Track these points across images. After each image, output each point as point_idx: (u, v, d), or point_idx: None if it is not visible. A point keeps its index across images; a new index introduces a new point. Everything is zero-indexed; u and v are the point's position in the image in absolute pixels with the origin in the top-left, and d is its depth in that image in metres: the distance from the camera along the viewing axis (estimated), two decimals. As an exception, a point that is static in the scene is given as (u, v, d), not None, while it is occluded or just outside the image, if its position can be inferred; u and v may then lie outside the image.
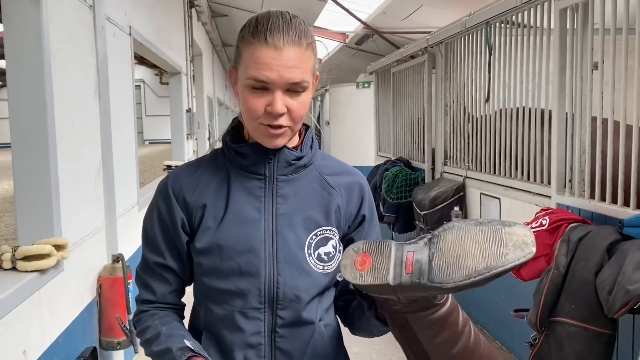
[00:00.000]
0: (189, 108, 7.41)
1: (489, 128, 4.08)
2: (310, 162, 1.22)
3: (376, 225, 1.29)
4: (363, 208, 1.25)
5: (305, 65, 1.10)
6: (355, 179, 1.26)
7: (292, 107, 1.10)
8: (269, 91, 1.08)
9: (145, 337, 1.17)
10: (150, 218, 1.22)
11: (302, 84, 1.09)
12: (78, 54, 2.90)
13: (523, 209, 3.55)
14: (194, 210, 1.18)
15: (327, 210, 1.20)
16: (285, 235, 1.16)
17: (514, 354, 3.83)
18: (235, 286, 1.14)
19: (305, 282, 1.16)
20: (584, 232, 2.43)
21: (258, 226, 1.16)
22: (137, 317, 1.22)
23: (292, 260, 1.15)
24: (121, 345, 3.05)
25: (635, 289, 1.91)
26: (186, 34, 7.54)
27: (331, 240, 1.19)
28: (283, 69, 1.07)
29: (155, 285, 1.20)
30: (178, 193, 1.19)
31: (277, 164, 1.18)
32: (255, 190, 1.18)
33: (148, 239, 1.22)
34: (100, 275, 3.07)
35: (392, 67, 6.25)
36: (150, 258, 1.21)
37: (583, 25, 2.88)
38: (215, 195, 1.19)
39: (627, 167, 2.59)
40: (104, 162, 3.25)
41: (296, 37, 1.08)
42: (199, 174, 1.22)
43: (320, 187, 1.22)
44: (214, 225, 1.17)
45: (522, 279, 2.77)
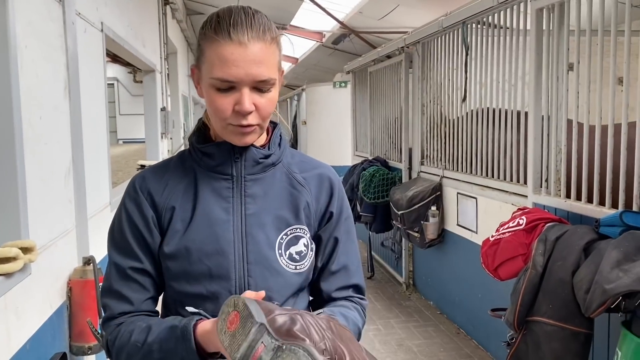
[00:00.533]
0: (164, 107, 7.29)
1: (465, 128, 4.09)
2: (278, 160, 1.19)
3: (346, 222, 1.22)
4: (332, 204, 1.20)
5: (271, 60, 1.06)
6: (324, 175, 1.22)
7: (260, 104, 1.06)
8: (236, 89, 1.05)
9: (131, 342, 1.06)
10: (119, 222, 1.16)
11: (269, 81, 1.06)
12: (47, 50, 2.80)
13: (499, 208, 3.56)
14: (162, 212, 1.14)
15: (297, 208, 1.16)
16: (255, 235, 1.12)
17: (490, 352, 3.85)
18: (206, 290, 1.10)
19: (277, 282, 1.12)
20: (560, 231, 2.44)
21: (227, 227, 1.12)
22: (112, 334, 1.10)
23: (262, 261, 1.11)
24: (92, 350, 2.96)
25: (613, 288, 1.92)
26: (160, 31, 7.42)
27: (302, 239, 1.15)
28: (249, 66, 1.03)
29: (131, 294, 1.12)
30: (147, 194, 1.15)
31: (244, 163, 1.14)
32: (223, 191, 1.14)
33: (118, 244, 1.15)
34: (71, 278, 2.98)
35: (369, 67, 6.24)
36: (124, 264, 1.13)
37: (559, 26, 2.89)
38: (183, 197, 1.14)
39: (602, 167, 2.60)
40: (74, 162, 3.15)
41: (260, 32, 1.05)
42: (166, 176, 1.17)
43: (289, 185, 1.18)
44: (182, 228, 1.12)
45: (499, 278, 2.78)
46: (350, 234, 1.23)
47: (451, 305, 4.50)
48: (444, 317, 4.55)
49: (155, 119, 6.87)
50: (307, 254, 1.15)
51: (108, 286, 1.14)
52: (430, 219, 4.39)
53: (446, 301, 4.61)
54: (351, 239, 1.23)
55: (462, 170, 4.18)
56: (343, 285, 1.20)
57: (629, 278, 1.92)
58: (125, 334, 1.08)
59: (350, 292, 1.21)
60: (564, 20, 2.86)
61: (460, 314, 4.34)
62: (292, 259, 1.13)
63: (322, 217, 1.20)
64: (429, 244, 4.47)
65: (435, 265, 4.75)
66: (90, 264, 3.01)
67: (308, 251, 1.15)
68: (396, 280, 5.52)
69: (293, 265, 1.13)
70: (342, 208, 1.22)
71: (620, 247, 2.06)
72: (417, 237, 4.53)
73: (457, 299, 4.34)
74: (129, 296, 1.12)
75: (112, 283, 1.14)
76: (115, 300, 1.12)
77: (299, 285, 1.15)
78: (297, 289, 1.15)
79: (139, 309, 1.12)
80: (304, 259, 1.14)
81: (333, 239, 1.20)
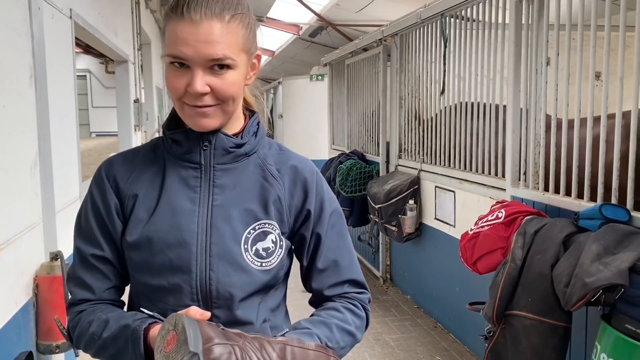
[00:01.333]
0: (137, 98, 7.12)
1: (444, 122, 4.06)
2: (252, 151, 1.13)
3: (331, 217, 1.15)
4: (308, 201, 1.14)
5: (229, 40, 1.00)
6: (300, 169, 1.15)
7: (215, 85, 1.01)
8: (190, 69, 1.00)
9: (89, 333, 1.04)
10: (84, 208, 1.12)
11: (224, 60, 1.00)
12: (10, 35, 2.67)
13: (478, 202, 3.55)
14: (125, 199, 1.09)
15: (266, 202, 1.10)
16: (221, 228, 1.06)
17: (467, 346, 3.84)
18: (167, 282, 1.05)
19: (241, 279, 1.05)
20: (539, 224, 2.42)
21: (191, 218, 1.06)
22: (73, 321, 1.09)
23: (226, 255, 1.05)
24: (60, 349, 2.85)
25: (593, 281, 1.90)
26: (133, 21, 7.24)
27: (270, 235, 1.09)
28: (201, 45, 0.98)
29: (92, 282, 1.09)
30: (112, 180, 1.11)
31: (213, 151, 1.09)
32: (191, 180, 1.09)
33: (82, 230, 1.11)
34: (37, 274, 2.86)
35: (346, 59, 6.18)
36: (86, 250, 1.09)
37: (538, 20, 2.87)
38: (149, 185, 1.10)
39: (581, 160, 2.60)
40: (41, 154, 3.03)
41: (216, 10, 0.99)
42: (135, 162, 1.13)
43: (261, 177, 1.12)
44: (146, 217, 1.08)
45: (478, 272, 2.76)
46: (337, 228, 1.16)
47: (428, 300, 4.49)
48: (421, 311, 4.54)
49: (128, 111, 6.71)
50: (274, 251, 1.09)
51: (72, 272, 1.12)
52: (408, 213, 4.37)
53: (423, 295, 4.60)
54: (338, 233, 1.16)
55: (440, 164, 4.16)
56: (335, 282, 1.14)
57: (609, 271, 1.90)
58: (85, 323, 1.07)
59: (345, 289, 1.14)
60: (544, 13, 2.84)
61: (437, 308, 4.33)
62: (258, 255, 1.07)
63: (299, 214, 1.14)
64: (406, 237, 4.44)
65: (413, 259, 4.73)
66: (57, 259, 2.90)
67: (277, 248, 1.09)
68: (373, 275, 5.50)
69: (259, 261, 1.07)
70: (322, 203, 1.15)
71: (600, 240, 2.04)
72: (395, 231, 4.50)
73: (435, 293, 4.33)
74: (90, 284, 1.09)
75: (75, 269, 1.11)
76: (77, 287, 1.10)
77: (264, 283, 1.08)
78: (263, 286, 1.09)
79: (100, 297, 1.09)
80: (271, 256, 1.08)
81: (315, 235, 1.14)
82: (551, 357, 2.21)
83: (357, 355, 3.74)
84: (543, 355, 2.21)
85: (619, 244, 2.01)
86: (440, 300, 4.25)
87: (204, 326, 0.88)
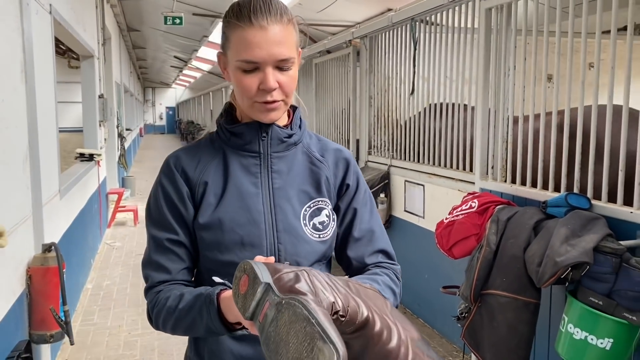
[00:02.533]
0: (102, 94, 7.07)
1: (414, 122, 4.31)
2: (299, 140, 1.29)
3: (364, 194, 1.32)
4: (347, 177, 1.31)
5: (290, 40, 1.15)
6: (340, 153, 1.33)
7: (283, 82, 1.15)
8: (260, 70, 1.13)
9: (166, 307, 1.15)
10: (155, 198, 1.23)
11: (289, 60, 1.15)
12: (5, 30, 2.71)
13: (446, 194, 3.81)
14: (196, 187, 1.22)
15: (318, 183, 1.27)
16: (283, 207, 1.22)
17: (436, 329, 4.11)
18: (238, 258, 1.17)
19: (304, 249, 1.21)
20: (511, 212, 2.69)
21: (257, 199, 1.21)
22: (152, 302, 1.19)
23: (291, 230, 1.20)
24: (54, 338, 2.91)
25: (563, 260, 2.16)
26: (97, 15, 7.18)
27: (324, 210, 1.26)
28: (271, 47, 1.11)
29: (169, 264, 1.20)
30: (181, 170, 1.23)
31: (270, 141, 1.24)
32: (252, 167, 1.23)
33: (155, 218, 1.23)
34: (30, 265, 2.91)
35: (314, 58, 6.36)
36: (161, 236, 1.20)
37: (507, 25, 3.14)
38: (215, 173, 1.23)
39: (546, 155, 2.88)
40: (30, 147, 3.07)
41: (278, 15, 1.14)
42: (198, 154, 1.26)
43: (309, 162, 1.28)
44: (215, 201, 1.21)
45: (453, 257, 3.00)
46: (372, 205, 1.33)
47: (397, 288, 4.73)
48: (391, 299, 4.78)
49: (94, 106, 6.66)
50: (329, 224, 1.25)
51: (147, 258, 1.22)
52: (379, 206, 4.60)
53: (392, 284, 4.84)
54: (371, 210, 1.33)
55: (410, 160, 4.40)
56: (371, 251, 1.28)
57: (576, 251, 2.17)
58: (162, 300, 1.16)
59: (379, 258, 1.29)
60: (512, 20, 3.11)
61: (407, 294, 4.58)
62: (315, 228, 1.23)
63: (340, 189, 1.30)
64: (377, 229, 4.67)
65: (382, 250, 4.97)
66: (51, 250, 2.95)
67: (330, 221, 1.26)
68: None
69: (317, 234, 1.23)
70: (358, 182, 1.32)
71: (567, 224, 2.31)
72: (366, 223, 4.72)
73: (404, 280, 4.55)
74: (167, 266, 1.19)
75: (151, 255, 1.21)
76: (154, 270, 1.20)
77: (323, 252, 1.25)
78: (322, 255, 1.25)
79: (175, 278, 1.20)
80: (326, 228, 1.25)
81: (352, 209, 1.30)
82: (523, 331, 2.47)
83: (335, 340, 3.93)
84: (516, 329, 2.47)
85: (583, 228, 2.29)
86: (410, 287, 4.50)
87: (270, 264, 0.98)
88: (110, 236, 7.37)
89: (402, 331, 0.93)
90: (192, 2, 9.79)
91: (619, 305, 2.13)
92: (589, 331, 2.19)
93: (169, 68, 24.45)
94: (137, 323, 4.34)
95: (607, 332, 2.15)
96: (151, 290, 1.20)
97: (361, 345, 0.91)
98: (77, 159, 6.14)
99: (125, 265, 5.96)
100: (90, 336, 4.10)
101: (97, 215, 6.67)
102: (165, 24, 9.59)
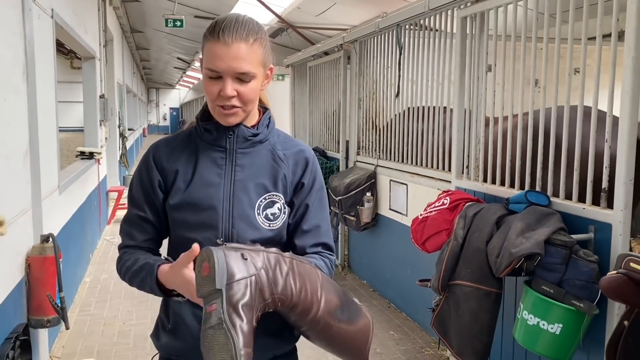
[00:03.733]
0: (102, 94, 7.28)
1: (398, 123, 4.50)
2: (265, 139, 1.48)
3: (318, 192, 1.51)
4: (304, 177, 1.50)
5: (252, 57, 1.35)
6: (301, 154, 1.52)
7: (241, 91, 1.36)
8: (222, 79, 1.35)
9: (125, 266, 1.44)
10: (134, 180, 1.48)
11: (248, 74, 1.35)
12: (8, 35, 2.91)
13: (427, 193, 3.99)
14: (168, 174, 1.45)
15: (275, 178, 1.46)
16: (241, 197, 1.42)
17: (417, 322, 4.29)
18: (200, 236, 1.39)
19: (254, 234, 1.41)
20: (477, 208, 2.87)
21: (218, 189, 1.42)
22: (118, 260, 1.48)
23: (244, 217, 1.41)
24: (51, 323, 3.11)
25: (517, 251, 2.35)
26: (99, 18, 7.39)
27: (277, 204, 1.45)
28: (231, 61, 1.32)
29: (136, 234, 1.47)
30: (157, 160, 1.46)
31: (236, 139, 1.44)
32: (218, 160, 1.44)
33: (131, 196, 1.48)
34: (29, 255, 3.11)
35: (308, 62, 6.55)
36: (133, 212, 1.47)
37: (480, 32, 3.33)
38: (186, 163, 1.45)
39: (512, 156, 3.06)
40: (31, 144, 3.27)
41: (243, 35, 1.34)
42: (174, 145, 1.48)
43: (272, 159, 1.48)
44: (183, 186, 1.43)
45: (426, 251, 3.18)
46: (322, 202, 1.53)
47: (383, 283, 4.92)
48: (377, 294, 4.97)
49: (95, 106, 6.87)
50: (279, 216, 1.45)
51: (122, 225, 1.51)
52: (366, 204, 4.79)
53: (378, 279, 5.03)
54: (322, 207, 1.53)
55: (395, 160, 4.59)
56: (314, 242, 1.49)
57: (529, 243, 2.35)
58: (124, 260, 1.47)
59: (320, 249, 1.49)
60: (485, 27, 3.29)
61: (390, 290, 4.77)
62: (267, 218, 1.43)
63: (296, 186, 1.50)
64: (363, 227, 4.86)
65: (369, 247, 5.16)
66: (49, 241, 3.15)
67: (281, 214, 1.45)
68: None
69: (267, 223, 1.43)
70: (314, 180, 1.51)
71: (524, 219, 2.49)
72: (353, 221, 4.91)
73: (388, 276, 4.77)
74: (134, 234, 1.47)
75: (124, 224, 1.50)
76: (125, 236, 1.49)
77: (270, 238, 1.44)
78: (269, 240, 1.44)
79: (140, 245, 1.48)
80: (276, 219, 1.45)
81: (304, 204, 1.49)
82: (485, 318, 2.65)
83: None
84: (478, 316, 2.65)
85: (538, 222, 2.47)
86: (393, 283, 4.69)
87: (231, 259, 1.22)
88: (110, 232, 7.58)
89: (322, 305, 1.31)
90: (194, 4, 10.01)
91: (568, 293, 2.32)
92: (541, 317, 2.37)
93: (172, 69, 24.73)
94: (131, 314, 4.53)
95: (557, 318, 2.33)
96: (120, 250, 1.50)
97: (296, 315, 1.30)
98: (78, 157, 6.35)
99: (123, 260, 6.15)
100: (87, 325, 4.30)
101: (97, 211, 6.87)
102: (166, 26, 9.80)
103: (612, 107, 2.40)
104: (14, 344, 2.63)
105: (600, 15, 2.44)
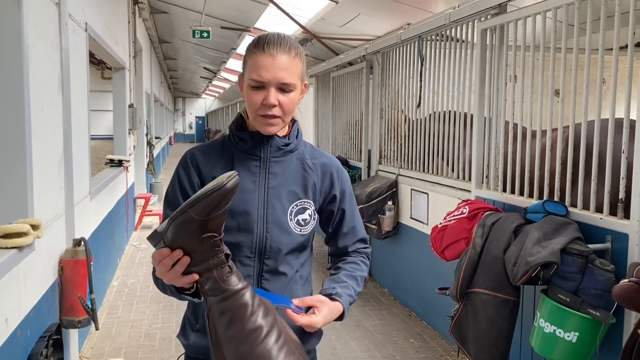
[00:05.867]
0: (132, 103, 7.49)
1: (419, 131, 4.56)
2: (295, 148, 1.58)
3: (350, 198, 1.64)
4: (334, 188, 1.61)
5: (293, 70, 1.45)
6: (330, 164, 1.63)
7: (282, 101, 1.45)
8: (265, 89, 1.44)
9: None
10: (172, 184, 1.55)
11: (290, 85, 1.45)
12: (47, 48, 3.08)
13: (447, 202, 4.03)
14: (206, 179, 1.53)
15: (306, 186, 1.56)
16: (274, 203, 1.51)
17: (437, 331, 4.32)
18: (234, 239, 1.47)
19: (286, 239, 1.50)
20: (496, 217, 2.91)
21: (253, 195, 1.51)
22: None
23: (277, 223, 1.50)
24: (82, 323, 3.24)
25: (534, 260, 2.39)
26: (129, 30, 7.63)
27: (307, 210, 1.55)
28: (276, 71, 1.41)
29: None
30: (195, 164, 1.54)
31: (270, 148, 1.53)
32: (253, 168, 1.53)
33: (169, 199, 1.53)
34: (62, 258, 3.25)
35: (332, 72, 6.65)
36: (168, 214, 1.52)
37: (500, 44, 3.38)
38: (222, 169, 1.52)
39: (531, 166, 3.10)
40: (65, 152, 3.43)
41: (286, 48, 1.44)
42: (210, 153, 1.56)
43: (301, 168, 1.58)
44: None
45: (445, 259, 3.23)
46: (354, 204, 1.65)
47: (403, 291, 4.96)
48: (397, 302, 5.01)
49: (124, 115, 7.08)
50: (310, 222, 1.54)
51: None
52: (387, 213, 4.84)
53: (399, 288, 5.07)
54: (354, 208, 1.65)
55: (416, 169, 4.65)
56: (354, 241, 1.63)
57: (546, 252, 2.39)
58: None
59: (358, 245, 1.64)
60: (504, 39, 3.35)
61: (411, 298, 4.80)
62: (299, 223, 1.52)
63: (327, 196, 1.60)
64: (385, 235, 4.92)
65: (390, 256, 5.21)
66: (81, 244, 3.29)
67: (311, 220, 1.55)
68: (354, 271, 5.94)
69: (299, 228, 1.52)
70: (344, 189, 1.62)
71: (540, 228, 2.53)
72: (375, 229, 4.97)
73: (409, 285, 4.80)
74: None
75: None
76: None
77: (301, 243, 1.53)
78: (299, 246, 1.54)
79: None
80: (307, 224, 1.54)
81: (341, 210, 1.61)
82: (502, 326, 2.69)
83: (340, 338, 4.19)
84: (496, 323, 2.69)
85: (554, 232, 2.50)
86: (414, 291, 4.73)
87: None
88: (137, 238, 7.76)
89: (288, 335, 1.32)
90: (221, 16, 10.23)
91: (584, 302, 2.34)
92: (557, 325, 2.40)
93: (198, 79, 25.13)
94: (157, 317, 4.66)
95: (573, 326, 2.36)
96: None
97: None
98: (107, 165, 6.55)
99: (149, 266, 6.31)
100: (114, 328, 4.44)
101: (125, 217, 7.06)
102: (193, 37, 10.03)
103: (628, 116, 2.43)
104: (47, 343, 2.77)
105: (617, 27, 2.48)
